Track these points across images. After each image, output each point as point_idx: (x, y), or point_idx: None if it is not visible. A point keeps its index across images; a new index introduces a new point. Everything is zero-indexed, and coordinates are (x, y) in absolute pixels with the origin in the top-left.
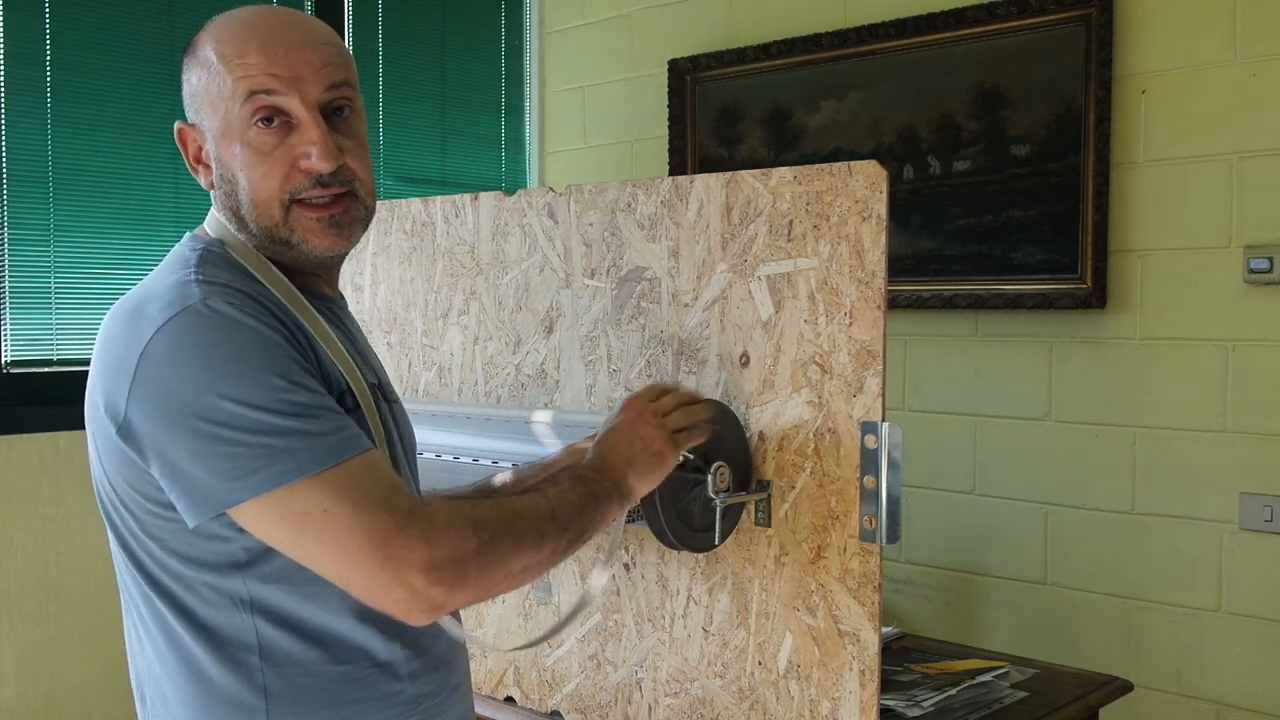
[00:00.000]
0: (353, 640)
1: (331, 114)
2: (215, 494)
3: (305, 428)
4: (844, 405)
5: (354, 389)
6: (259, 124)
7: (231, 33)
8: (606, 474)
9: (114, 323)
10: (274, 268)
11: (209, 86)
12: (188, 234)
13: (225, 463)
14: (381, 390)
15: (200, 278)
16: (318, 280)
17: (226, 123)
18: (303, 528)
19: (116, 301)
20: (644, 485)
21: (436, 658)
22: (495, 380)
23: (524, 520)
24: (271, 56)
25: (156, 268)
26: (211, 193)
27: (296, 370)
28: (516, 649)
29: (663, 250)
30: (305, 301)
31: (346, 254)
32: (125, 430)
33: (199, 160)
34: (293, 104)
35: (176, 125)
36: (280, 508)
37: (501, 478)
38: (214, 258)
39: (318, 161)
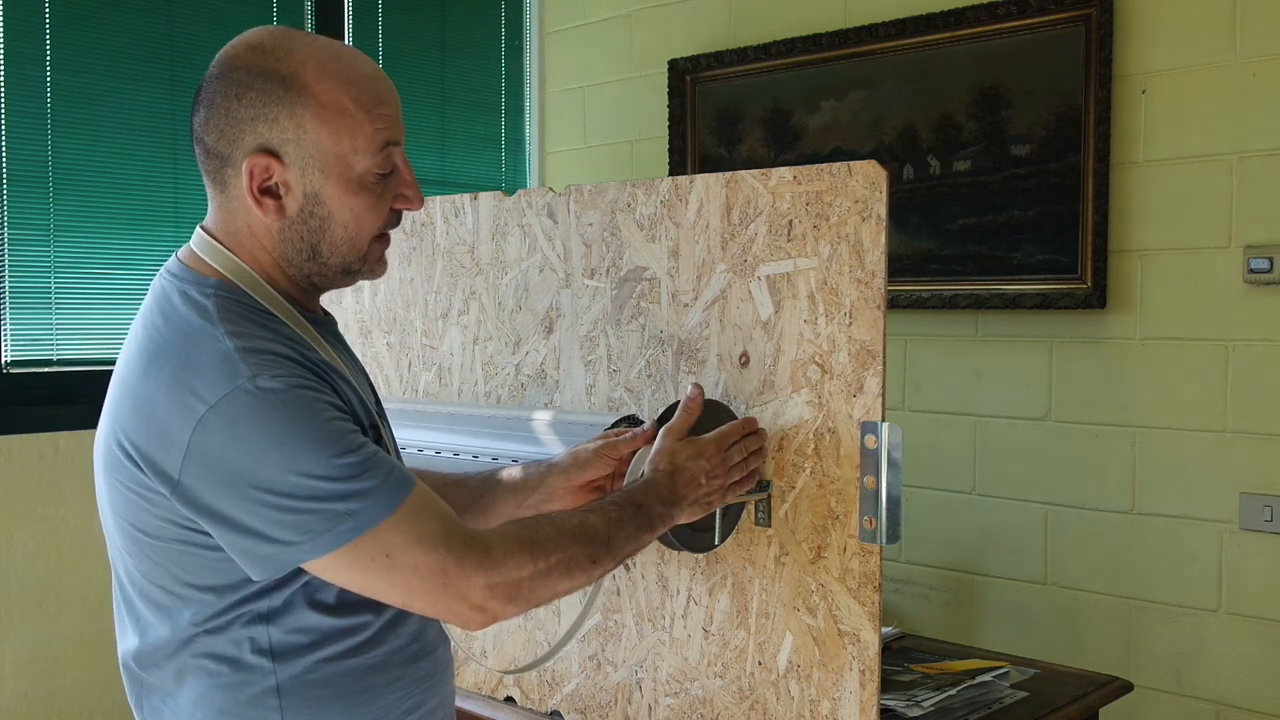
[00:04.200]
0: (371, 631)
1: None
2: (281, 556)
3: (360, 487)
4: (844, 405)
5: (373, 413)
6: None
7: (359, 77)
8: (662, 505)
9: (149, 384)
10: (286, 303)
11: (336, 130)
12: (182, 266)
13: (289, 531)
14: (380, 408)
15: (237, 345)
16: (312, 303)
17: (351, 168)
18: (367, 571)
19: (129, 339)
20: (684, 520)
21: (431, 640)
22: (495, 380)
23: (579, 546)
24: (394, 106)
25: (165, 304)
26: (269, 223)
27: (344, 430)
28: (519, 670)
29: (662, 250)
30: (319, 336)
31: None
32: (181, 494)
33: (266, 191)
34: (400, 151)
35: (253, 153)
36: (345, 559)
37: (508, 473)
38: (232, 305)
39: (416, 203)
